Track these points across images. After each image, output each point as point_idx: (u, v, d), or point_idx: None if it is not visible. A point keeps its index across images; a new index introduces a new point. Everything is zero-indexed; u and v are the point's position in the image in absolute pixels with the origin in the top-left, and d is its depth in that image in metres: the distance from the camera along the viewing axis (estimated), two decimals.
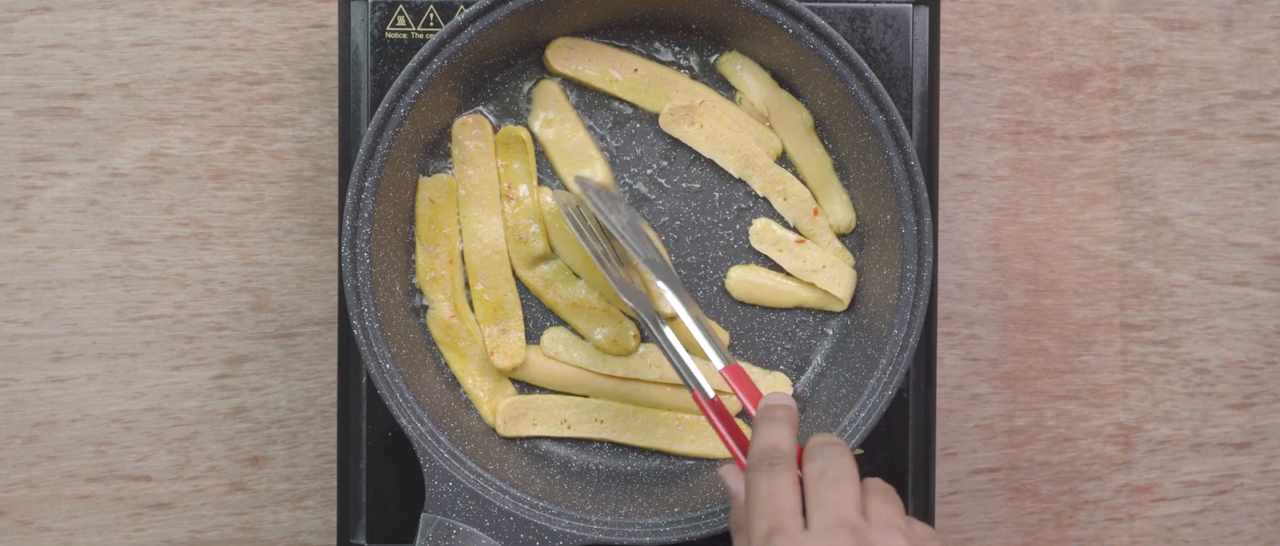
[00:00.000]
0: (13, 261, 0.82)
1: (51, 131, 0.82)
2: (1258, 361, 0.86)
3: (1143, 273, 0.85)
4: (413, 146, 0.75)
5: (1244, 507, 0.86)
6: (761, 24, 0.73)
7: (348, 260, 0.72)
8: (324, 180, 0.82)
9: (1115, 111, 0.85)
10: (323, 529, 0.83)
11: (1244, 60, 0.85)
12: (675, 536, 0.73)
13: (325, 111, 0.82)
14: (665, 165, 0.78)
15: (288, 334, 0.83)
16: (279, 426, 0.83)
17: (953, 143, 0.84)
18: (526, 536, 0.73)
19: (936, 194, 0.78)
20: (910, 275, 0.73)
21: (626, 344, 0.78)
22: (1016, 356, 0.85)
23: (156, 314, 0.82)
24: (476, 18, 0.72)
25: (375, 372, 0.73)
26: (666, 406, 0.79)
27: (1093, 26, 0.85)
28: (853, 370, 0.76)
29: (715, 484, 0.76)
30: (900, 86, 0.77)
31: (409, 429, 0.73)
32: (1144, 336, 0.85)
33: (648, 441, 0.78)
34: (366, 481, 0.77)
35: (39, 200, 0.82)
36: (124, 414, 0.82)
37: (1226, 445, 0.86)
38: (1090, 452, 0.85)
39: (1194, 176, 0.85)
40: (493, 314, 0.78)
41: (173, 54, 0.82)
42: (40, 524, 0.82)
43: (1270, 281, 0.86)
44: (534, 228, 0.77)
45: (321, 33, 0.82)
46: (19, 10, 0.81)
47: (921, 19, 0.78)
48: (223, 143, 0.82)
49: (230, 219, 0.82)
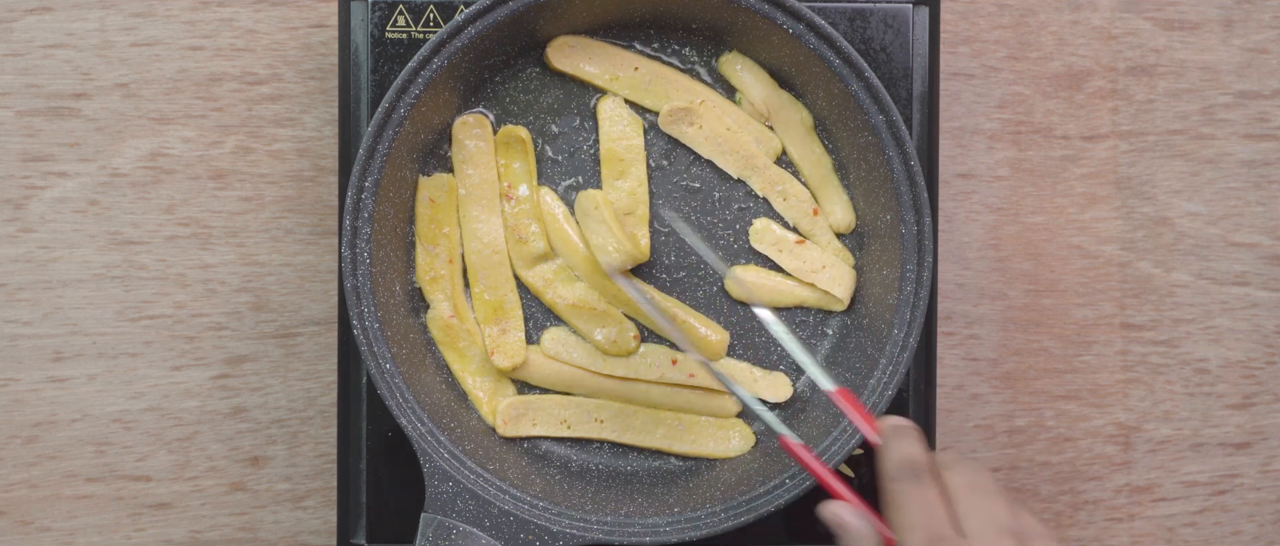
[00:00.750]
0: (13, 261, 0.82)
1: (51, 131, 0.82)
2: (1258, 361, 0.86)
3: (1143, 272, 0.85)
4: (413, 146, 0.75)
5: (1244, 507, 0.86)
6: (761, 24, 0.73)
7: (348, 260, 0.72)
8: (324, 180, 0.82)
9: (1115, 111, 0.85)
10: (323, 529, 0.83)
11: (1244, 60, 0.85)
12: (675, 536, 0.73)
13: (325, 111, 0.82)
14: (665, 165, 0.78)
15: (288, 334, 0.83)
16: (279, 426, 0.83)
17: (953, 143, 0.84)
18: (526, 536, 0.73)
19: (936, 194, 0.78)
20: (910, 275, 0.73)
21: (627, 344, 0.78)
22: (1016, 356, 0.85)
23: (156, 314, 0.82)
24: (476, 18, 0.72)
25: (375, 372, 0.73)
26: (666, 406, 0.79)
27: (1093, 26, 0.85)
28: (853, 370, 0.76)
29: (715, 484, 0.76)
30: (900, 86, 0.77)
31: (409, 429, 0.73)
32: (1144, 336, 0.86)
33: (648, 441, 0.79)
34: (366, 481, 0.77)
35: (39, 200, 0.82)
36: (124, 414, 0.82)
37: (1226, 445, 0.86)
38: (1090, 452, 0.85)
39: (1194, 176, 0.85)
40: (493, 314, 0.78)
41: (173, 54, 0.82)
42: (40, 524, 0.82)
43: (1270, 281, 0.86)
44: (534, 227, 0.77)
45: (321, 33, 0.82)
46: (19, 10, 0.81)
47: (921, 19, 0.78)
48: (223, 143, 0.82)
49: (230, 219, 0.82)
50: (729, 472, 0.77)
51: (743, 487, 0.74)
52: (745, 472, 0.76)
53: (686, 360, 0.78)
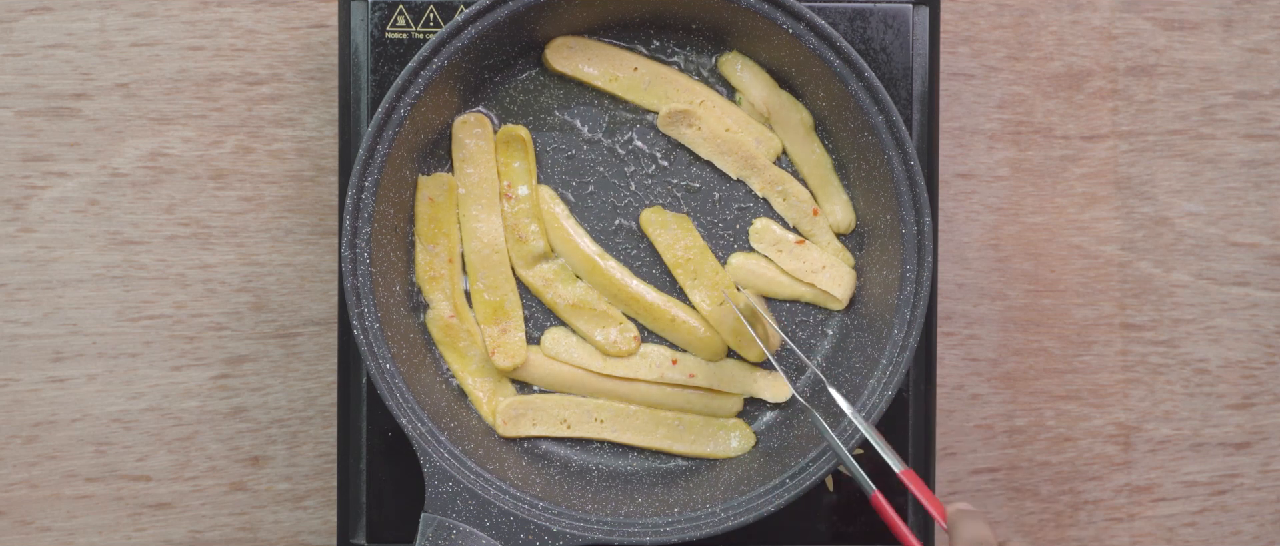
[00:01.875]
0: (13, 261, 0.82)
1: (51, 131, 0.82)
2: (1258, 361, 0.86)
3: (1143, 272, 0.85)
4: (413, 146, 0.75)
5: (1244, 507, 0.86)
6: (761, 24, 0.73)
7: (348, 260, 0.72)
8: (324, 180, 0.82)
9: (1115, 111, 0.85)
10: (323, 529, 0.83)
11: (1244, 60, 0.85)
12: (675, 536, 0.73)
13: (325, 111, 0.82)
14: (665, 165, 0.78)
15: (288, 334, 0.83)
16: (279, 426, 0.83)
17: (953, 143, 0.84)
18: (526, 536, 0.73)
19: (936, 194, 0.78)
20: (910, 275, 0.73)
21: (627, 346, 0.78)
22: (1016, 356, 0.85)
23: (156, 314, 0.82)
24: (476, 18, 0.72)
25: (375, 372, 0.73)
26: (666, 406, 0.79)
27: (1093, 26, 0.85)
28: (853, 370, 0.76)
29: (715, 484, 0.76)
30: (900, 86, 0.77)
31: (409, 429, 0.73)
32: (1144, 336, 0.85)
33: (648, 441, 0.78)
34: (366, 481, 0.77)
35: (39, 200, 0.82)
36: (124, 414, 0.82)
37: (1226, 445, 0.86)
38: (1090, 452, 0.85)
39: (1194, 176, 0.85)
40: (493, 314, 0.78)
41: (173, 54, 0.82)
42: (40, 524, 0.82)
43: (1270, 281, 0.86)
44: (533, 227, 0.77)
45: (321, 33, 0.82)
46: (19, 10, 0.81)
47: (921, 19, 0.78)
48: (223, 143, 0.82)
49: (230, 219, 0.82)
50: (729, 472, 0.77)
51: (743, 487, 0.74)
52: (745, 472, 0.76)
53: (687, 359, 0.78)
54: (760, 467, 0.76)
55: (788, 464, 0.74)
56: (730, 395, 0.78)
